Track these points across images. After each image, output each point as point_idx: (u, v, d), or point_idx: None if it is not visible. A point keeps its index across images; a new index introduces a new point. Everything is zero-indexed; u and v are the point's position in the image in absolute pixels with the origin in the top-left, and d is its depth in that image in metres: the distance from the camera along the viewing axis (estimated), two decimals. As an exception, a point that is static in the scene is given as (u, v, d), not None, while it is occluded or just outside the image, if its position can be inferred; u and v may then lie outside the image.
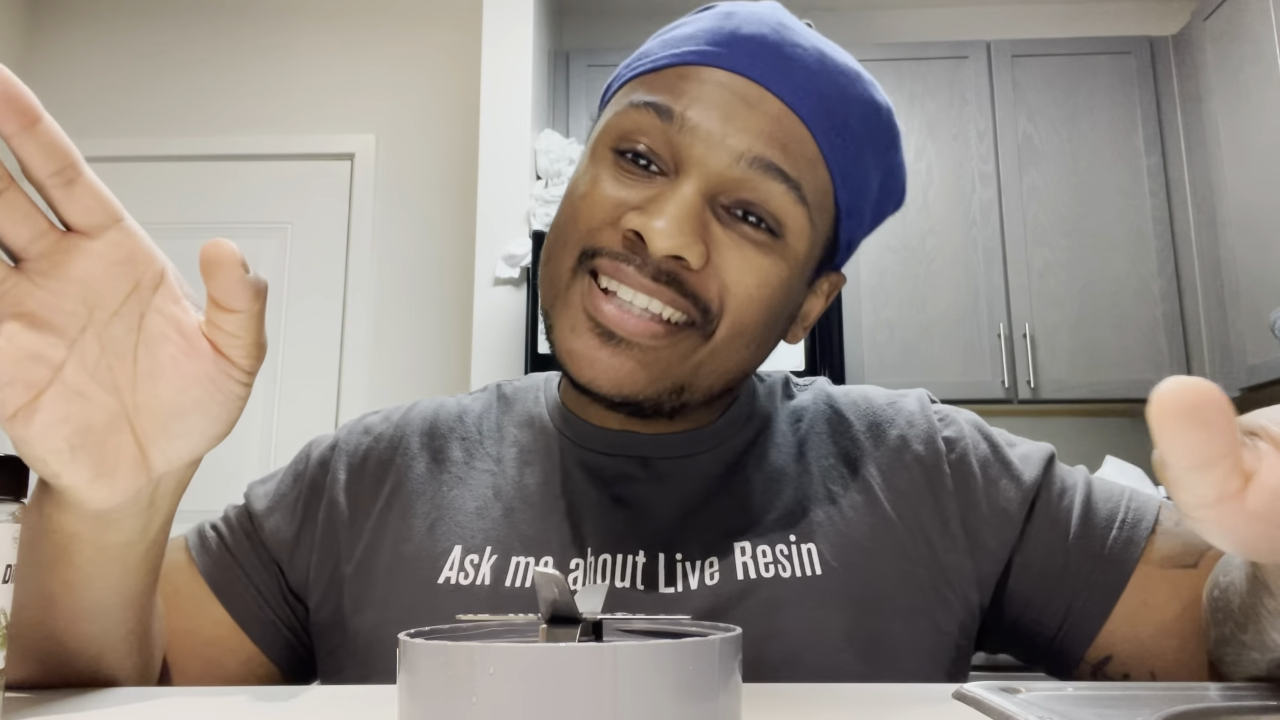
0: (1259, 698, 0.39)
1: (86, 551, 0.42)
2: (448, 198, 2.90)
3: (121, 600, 0.46)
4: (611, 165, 0.54)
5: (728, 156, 0.51)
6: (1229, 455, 0.27)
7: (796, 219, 0.52)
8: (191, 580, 0.59)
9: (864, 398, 0.65)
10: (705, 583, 0.54)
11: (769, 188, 0.51)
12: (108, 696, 0.44)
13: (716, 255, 0.52)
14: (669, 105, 0.52)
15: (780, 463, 0.60)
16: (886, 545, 0.56)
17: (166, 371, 0.39)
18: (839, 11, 3.14)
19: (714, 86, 0.52)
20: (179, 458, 0.41)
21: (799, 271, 0.55)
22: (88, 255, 0.38)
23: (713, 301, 0.52)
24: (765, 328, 0.55)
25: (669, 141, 0.52)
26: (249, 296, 0.39)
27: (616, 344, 0.52)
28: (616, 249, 0.52)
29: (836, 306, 2.40)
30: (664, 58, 0.55)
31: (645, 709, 0.28)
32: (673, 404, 0.55)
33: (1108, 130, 2.68)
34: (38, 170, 0.35)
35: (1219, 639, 0.48)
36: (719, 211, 0.52)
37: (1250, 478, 0.28)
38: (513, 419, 0.65)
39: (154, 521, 0.44)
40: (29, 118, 0.34)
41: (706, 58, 0.53)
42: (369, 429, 0.65)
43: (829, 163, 0.54)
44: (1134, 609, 0.54)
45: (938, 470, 0.59)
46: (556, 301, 0.55)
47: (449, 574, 0.55)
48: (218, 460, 2.77)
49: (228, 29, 3.05)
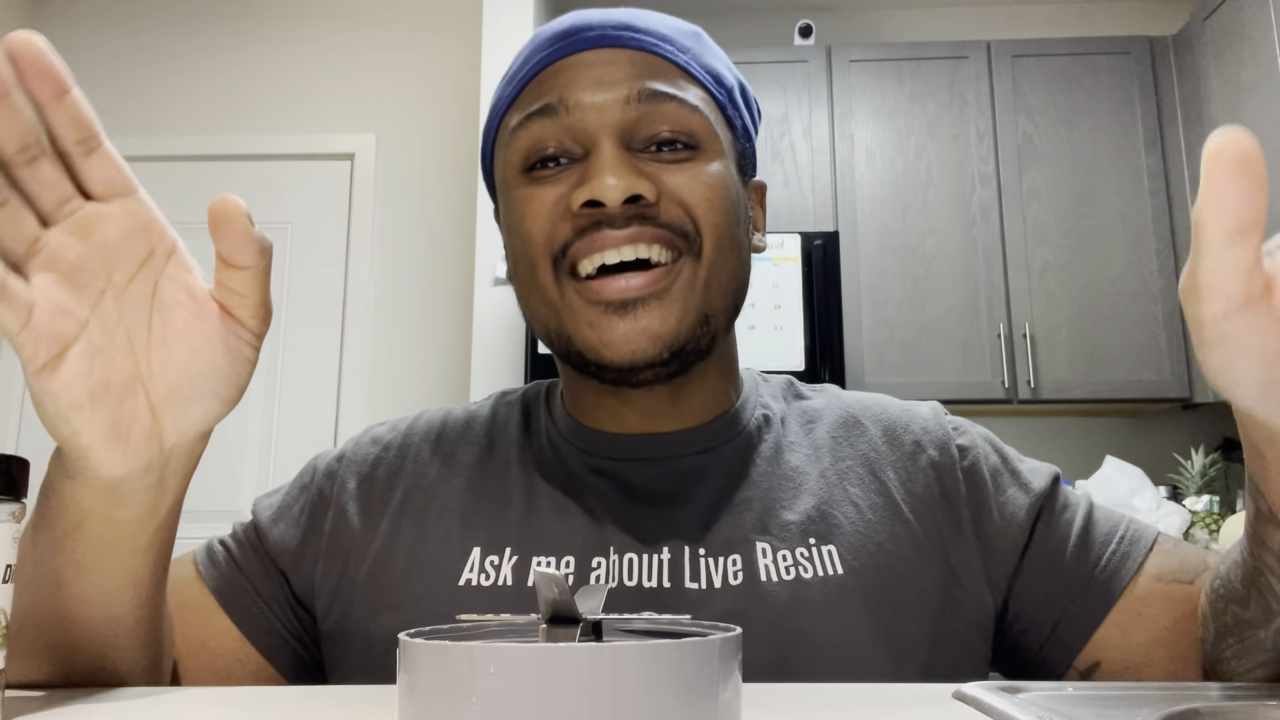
0: (1259, 697, 0.39)
1: (98, 528, 0.43)
2: (448, 198, 2.90)
3: (129, 588, 0.46)
4: (529, 183, 0.56)
5: (618, 106, 0.55)
6: (1260, 225, 0.29)
7: (700, 123, 0.57)
8: (199, 594, 0.59)
9: (878, 403, 0.66)
10: (729, 581, 0.54)
11: (663, 111, 0.55)
12: (109, 696, 0.44)
13: (662, 183, 0.55)
14: (547, 103, 0.56)
15: (796, 463, 0.61)
16: (905, 547, 0.56)
17: (180, 335, 0.42)
18: (839, 11, 3.14)
19: (573, 69, 0.56)
20: (191, 426, 0.43)
21: (731, 167, 0.59)
22: (108, 220, 0.40)
23: (685, 222, 0.55)
24: (735, 227, 0.58)
25: (565, 128, 0.55)
26: (255, 251, 0.41)
27: (633, 310, 0.54)
28: (579, 228, 0.54)
29: (836, 306, 2.40)
30: (516, 83, 0.59)
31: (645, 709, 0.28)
32: (706, 337, 0.56)
33: (1108, 130, 2.68)
34: (65, 138, 0.38)
35: (1220, 632, 0.48)
36: (639, 156, 0.55)
37: (1274, 282, 0.30)
38: (517, 426, 0.65)
39: (163, 501, 0.45)
40: (60, 87, 0.37)
41: (551, 56, 0.57)
42: (377, 439, 0.65)
43: (693, 74, 0.58)
44: (1127, 618, 0.55)
45: (951, 475, 0.60)
46: (560, 317, 0.56)
47: (469, 575, 0.55)
48: (218, 460, 2.77)
49: (227, 29, 3.05)
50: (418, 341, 2.84)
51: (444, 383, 2.80)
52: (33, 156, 0.37)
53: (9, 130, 0.36)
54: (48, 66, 0.36)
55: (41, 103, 0.37)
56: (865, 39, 3.10)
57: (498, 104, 0.60)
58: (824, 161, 2.69)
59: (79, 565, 0.45)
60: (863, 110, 2.74)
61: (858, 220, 2.66)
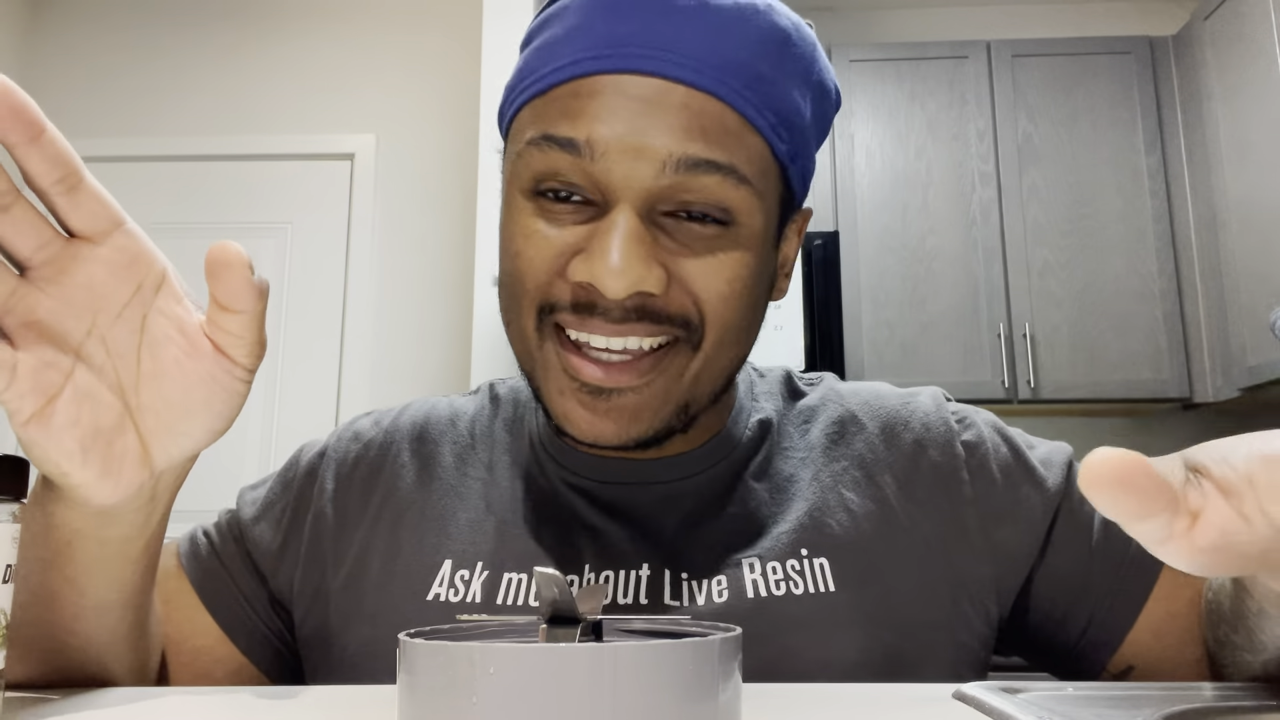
0: (1258, 697, 0.39)
1: (89, 547, 0.43)
2: (448, 198, 2.90)
3: (122, 597, 0.46)
4: (535, 210, 0.50)
5: (651, 168, 0.46)
6: (1164, 510, 0.28)
7: (741, 200, 0.49)
8: (180, 588, 0.58)
9: (876, 396, 0.62)
10: (714, 599, 0.52)
11: (703, 183, 0.47)
12: (108, 696, 0.44)
13: (676, 268, 0.48)
14: (571, 137, 0.47)
15: (789, 469, 0.58)
16: (902, 557, 0.54)
17: (170, 373, 0.40)
18: (839, 11, 3.14)
19: (610, 97, 0.47)
20: (181, 453, 0.42)
21: (762, 247, 0.52)
22: (91, 260, 0.38)
23: (690, 314, 0.49)
24: (749, 315, 0.52)
25: (585, 173, 0.48)
26: (253, 297, 0.40)
27: (608, 397, 0.49)
28: (574, 300, 0.49)
29: (836, 306, 2.40)
30: (548, 74, 0.50)
31: (645, 709, 0.28)
32: (682, 423, 0.52)
33: (1108, 130, 2.68)
34: (41, 179, 0.36)
35: (1216, 642, 0.48)
36: (661, 221, 0.48)
37: (1198, 516, 0.29)
38: (504, 423, 0.63)
39: (154, 516, 0.44)
40: (34, 130, 0.34)
41: (591, 67, 0.48)
42: (359, 435, 0.63)
43: (756, 124, 0.49)
44: (1159, 619, 0.53)
45: (955, 477, 0.57)
46: (535, 366, 0.52)
47: (438, 590, 0.54)
48: (218, 460, 2.77)
49: (227, 29, 3.05)
50: (418, 341, 2.84)
51: (444, 383, 2.80)
52: (5, 205, 0.35)
53: None
54: (20, 108, 0.34)
55: (14, 145, 0.34)
56: (865, 39, 3.10)
57: (524, 74, 0.52)
58: (824, 161, 2.69)
59: (70, 582, 0.44)
60: (863, 110, 2.73)
61: (858, 220, 2.66)
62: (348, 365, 2.81)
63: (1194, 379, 2.54)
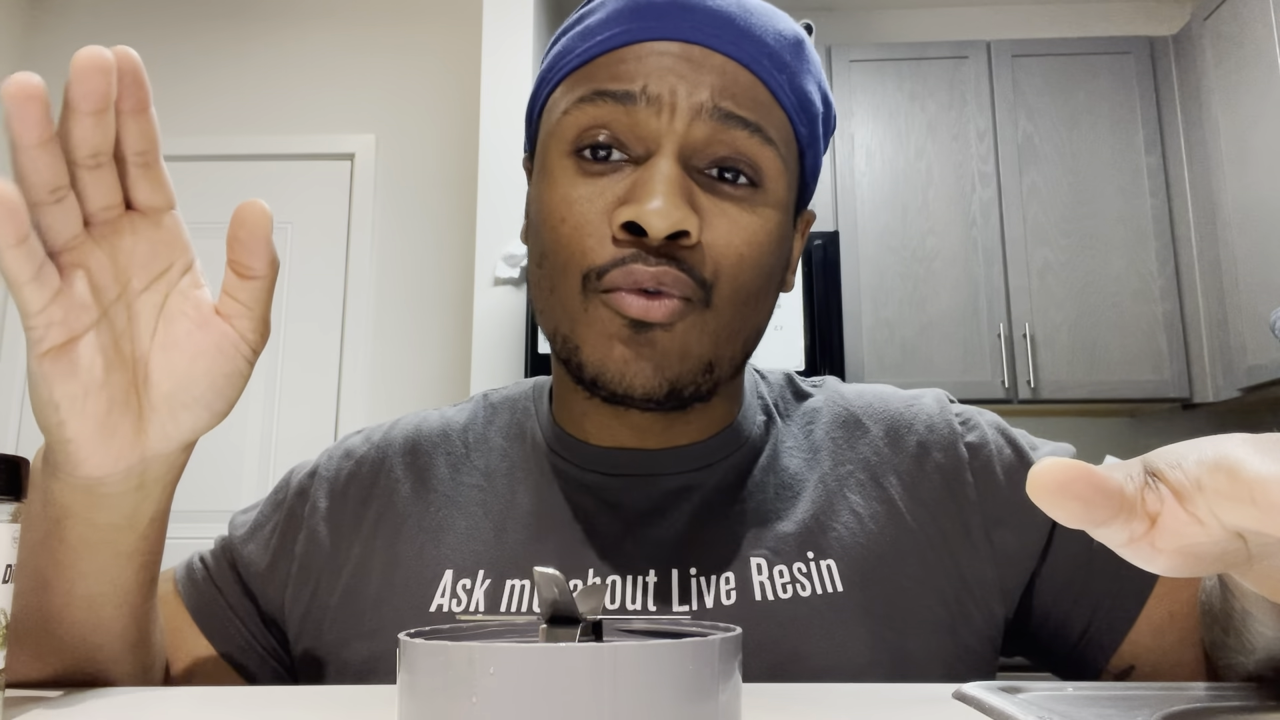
0: (1258, 697, 0.39)
1: (77, 528, 0.44)
2: (448, 198, 2.90)
3: (113, 593, 0.46)
4: (575, 170, 0.52)
5: (690, 117, 0.50)
6: (1116, 516, 0.28)
7: (769, 161, 0.52)
8: (177, 613, 0.58)
9: (880, 399, 0.63)
10: (722, 602, 0.52)
11: (735, 136, 0.51)
12: (108, 696, 0.44)
13: (705, 224, 0.51)
14: (624, 89, 0.51)
15: (794, 469, 0.58)
16: (908, 558, 0.54)
17: (180, 343, 0.43)
18: (839, 11, 3.14)
19: (656, 57, 0.51)
20: (177, 434, 0.43)
21: (782, 218, 0.54)
22: (139, 233, 0.42)
23: (706, 274, 0.51)
24: (760, 282, 0.53)
25: (632, 124, 0.51)
26: (268, 260, 0.43)
27: (649, 333, 0.50)
28: (617, 256, 0.50)
29: (837, 306, 2.40)
30: (590, 48, 0.53)
31: (645, 709, 0.28)
32: (708, 383, 0.53)
33: (1108, 130, 2.68)
34: (130, 147, 0.40)
35: (1210, 644, 0.48)
36: (697, 177, 0.51)
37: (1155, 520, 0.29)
38: (500, 430, 0.62)
39: (144, 508, 0.45)
40: (144, 104, 0.40)
41: (637, 34, 0.52)
42: (350, 452, 0.63)
43: (781, 101, 0.53)
44: (1159, 620, 0.53)
45: (960, 479, 0.57)
46: (576, 324, 0.52)
47: (441, 600, 0.54)
48: (218, 460, 2.77)
49: (227, 29, 3.05)
50: (418, 341, 2.84)
51: (444, 383, 2.80)
52: (100, 163, 0.39)
53: (91, 139, 0.38)
54: (142, 83, 0.40)
55: (122, 112, 0.39)
56: (865, 39, 3.10)
57: (562, 55, 0.55)
58: (824, 161, 2.68)
59: (59, 565, 0.45)
60: (863, 110, 2.74)
61: (858, 220, 2.66)
62: (347, 365, 2.81)
63: (1194, 379, 2.55)
